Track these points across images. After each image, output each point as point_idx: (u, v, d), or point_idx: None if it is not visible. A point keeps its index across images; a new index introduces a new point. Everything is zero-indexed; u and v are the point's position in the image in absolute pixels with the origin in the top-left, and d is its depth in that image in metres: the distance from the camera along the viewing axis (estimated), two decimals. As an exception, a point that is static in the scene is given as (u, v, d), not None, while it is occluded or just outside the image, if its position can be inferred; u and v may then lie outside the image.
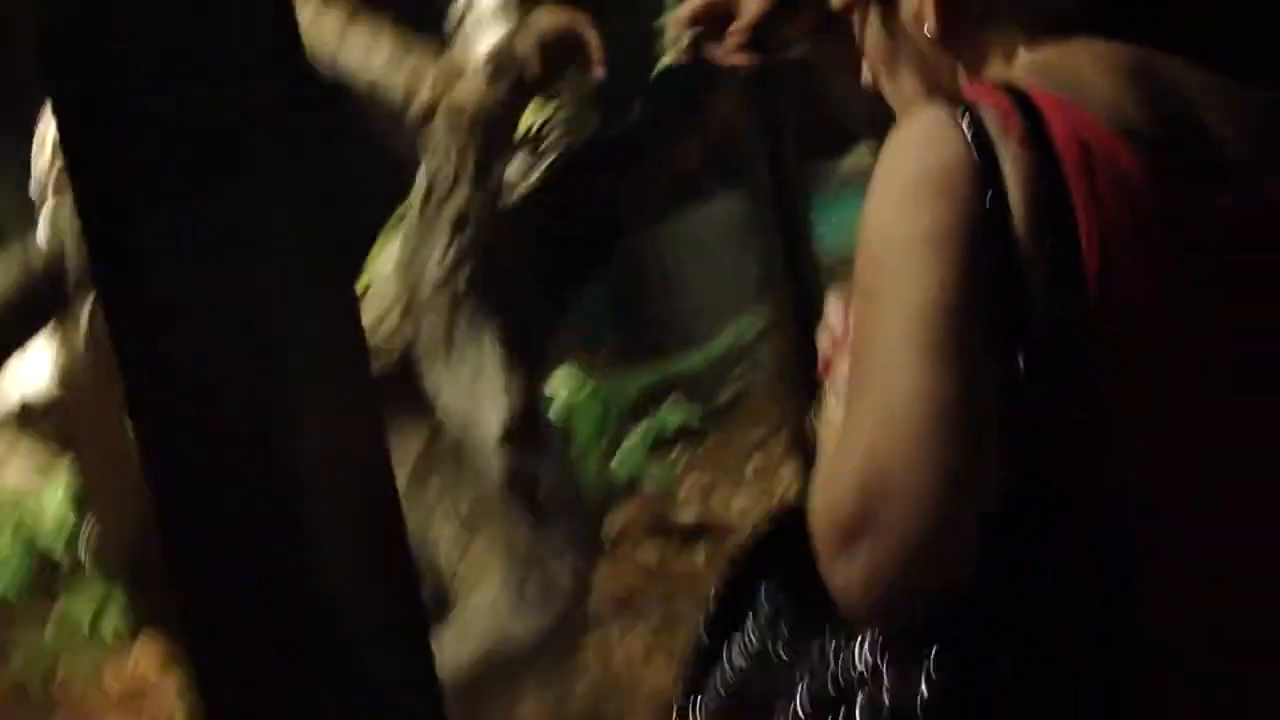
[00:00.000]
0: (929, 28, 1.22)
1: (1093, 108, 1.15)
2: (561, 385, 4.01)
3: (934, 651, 1.16)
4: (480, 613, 2.72)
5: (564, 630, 2.68)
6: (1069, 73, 1.17)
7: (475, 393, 2.61)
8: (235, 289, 0.93)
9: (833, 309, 1.31)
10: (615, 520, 3.95)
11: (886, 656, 1.19)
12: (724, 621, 1.36)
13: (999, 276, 1.11)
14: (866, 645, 1.21)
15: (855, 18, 1.30)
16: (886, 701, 1.18)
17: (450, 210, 2.59)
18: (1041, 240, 1.11)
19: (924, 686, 1.16)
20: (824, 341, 1.31)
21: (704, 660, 1.37)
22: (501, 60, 2.56)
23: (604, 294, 4.91)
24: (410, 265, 2.63)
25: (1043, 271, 1.11)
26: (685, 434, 4.07)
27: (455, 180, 2.59)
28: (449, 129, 2.57)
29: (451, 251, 2.61)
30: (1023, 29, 1.21)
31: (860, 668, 1.21)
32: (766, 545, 1.38)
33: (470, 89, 2.57)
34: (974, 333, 1.10)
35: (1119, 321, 1.12)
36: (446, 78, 2.60)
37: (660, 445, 4.03)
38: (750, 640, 1.34)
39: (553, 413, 3.97)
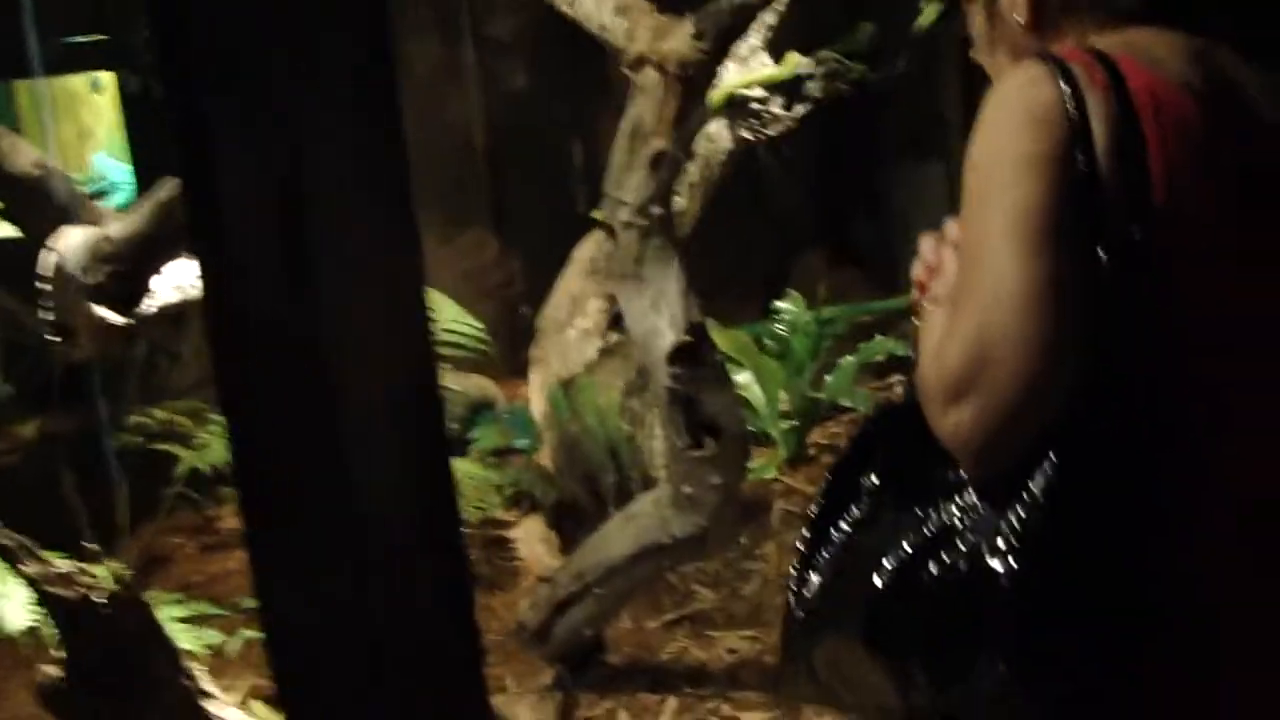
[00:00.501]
0: (1021, 18, 1.51)
1: (1159, 69, 1.40)
2: (787, 310, 4.28)
3: (1019, 499, 1.37)
4: (646, 505, 3.07)
5: (715, 532, 2.98)
6: (1138, 45, 1.42)
7: (654, 315, 2.93)
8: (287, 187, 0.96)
9: (925, 245, 1.57)
10: (819, 434, 4.22)
11: (980, 504, 1.41)
12: (834, 505, 1.58)
13: (1084, 191, 1.34)
14: (963, 496, 1.43)
15: (967, 7, 1.60)
16: (976, 541, 1.39)
17: (648, 150, 2.89)
18: (1119, 166, 1.35)
19: (1009, 530, 1.37)
20: (918, 269, 1.57)
21: (815, 539, 1.58)
22: (704, 20, 2.83)
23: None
24: (609, 196, 2.95)
25: (1120, 190, 1.35)
26: (892, 366, 4.28)
27: (656, 124, 2.89)
28: (654, 77, 2.87)
29: (646, 188, 2.91)
30: (1094, 20, 1.47)
31: (957, 516, 1.43)
32: (870, 440, 1.60)
33: (677, 43, 2.85)
34: (1064, 233, 1.32)
35: (1181, 231, 1.35)
36: (658, 31, 2.90)
37: (866, 374, 4.25)
38: (856, 513, 1.56)
39: (777, 330, 4.26)
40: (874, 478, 1.55)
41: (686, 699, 3.16)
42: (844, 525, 1.56)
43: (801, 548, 1.59)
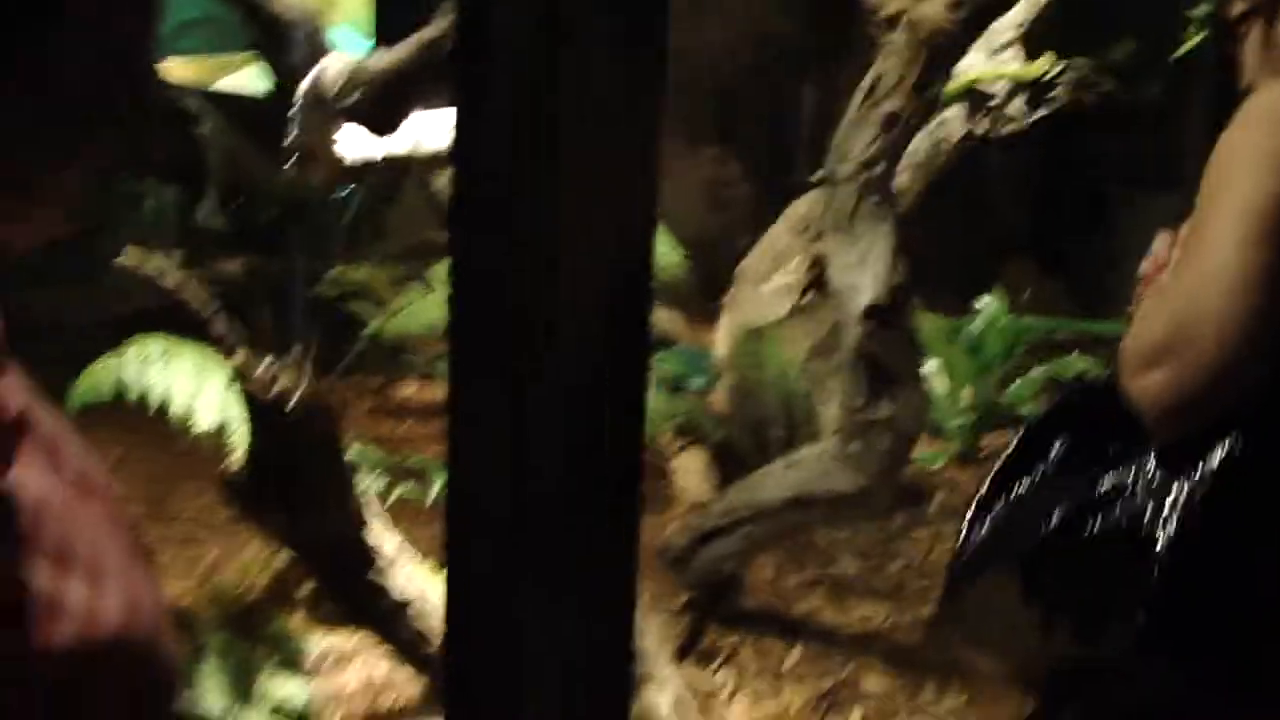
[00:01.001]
0: None
1: None
2: (987, 308, 4.26)
3: (1193, 471, 1.45)
4: (811, 456, 3.12)
5: (873, 495, 3.01)
6: None
7: (858, 271, 2.97)
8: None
9: (1159, 242, 1.65)
10: (993, 438, 4.20)
11: (1154, 470, 1.49)
12: (1021, 463, 1.67)
13: None
14: (1140, 463, 1.51)
15: (1242, 31, 1.65)
16: (1142, 504, 1.48)
17: (883, 110, 2.93)
18: None
19: (1177, 498, 1.46)
20: (1147, 264, 1.65)
21: (995, 489, 1.68)
22: (965, -9, 2.85)
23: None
24: (836, 148, 3.00)
25: None
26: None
27: (896, 85, 2.92)
28: (904, 39, 2.90)
29: (874, 146, 2.95)
30: None
31: (1129, 479, 1.51)
32: (1068, 408, 1.70)
33: (932, 10, 2.88)
34: None
35: None
36: (915, -7, 2.93)
37: (1052, 388, 4.21)
38: (1040, 473, 1.65)
39: (973, 327, 4.25)
40: (1063, 445, 1.62)
41: (813, 653, 3.21)
42: (1025, 482, 1.64)
43: (981, 493, 1.67)
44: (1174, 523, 1.45)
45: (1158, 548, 1.45)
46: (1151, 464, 1.51)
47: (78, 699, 0.77)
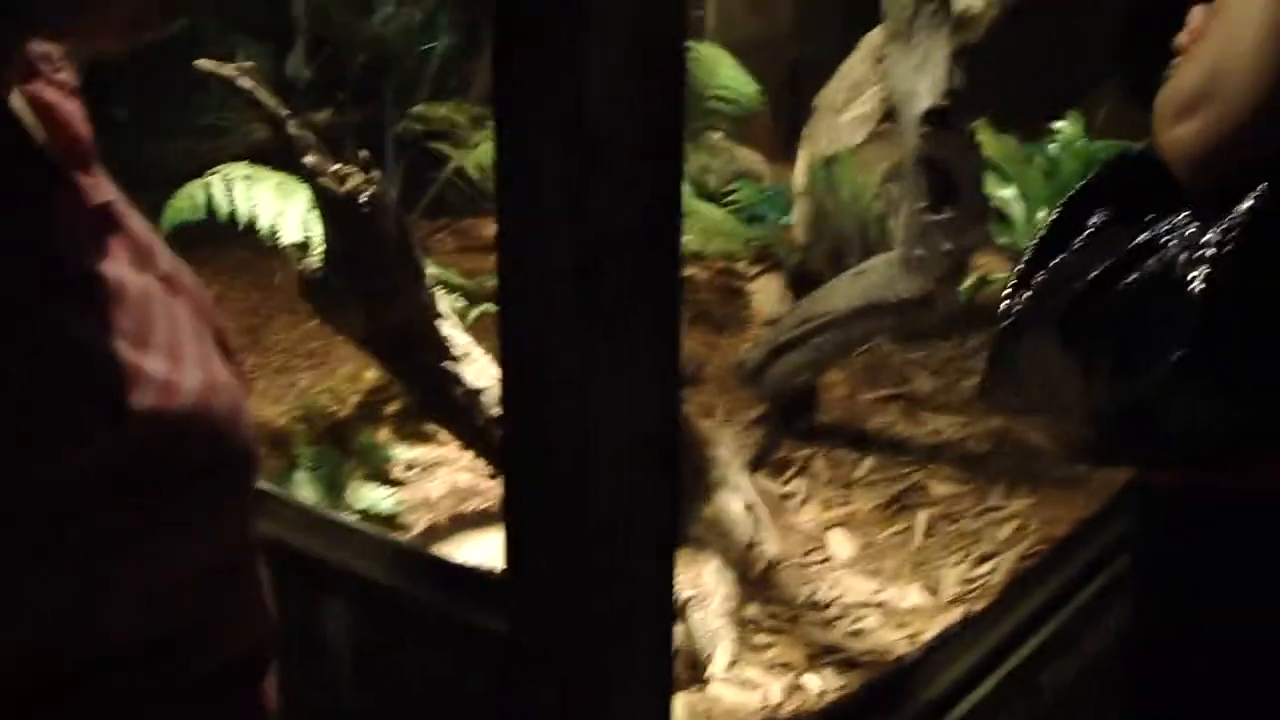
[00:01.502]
0: None
1: None
2: (1063, 130, 4.25)
3: (1225, 216, 1.48)
4: (878, 264, 3.18)
5: (940, 297, 3.06)
6: None
7: (916, 77, 3.00)
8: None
9: (1195, 13, 1.64)
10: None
11: (1187, 219, 1.54)
12: (1058, 235, 1.70)
13: None
14: (1171, 218, 1.55)
15: None
16: (1177, 251, 1.53)
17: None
18: None
19: (1210, 243, 1.50)
20: (1183, 37, 1.63)
21: (1034, 261, 1.71)
22: None
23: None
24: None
25: None
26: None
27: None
28: None
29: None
30: None
31: (1164, 232, 1.55)
32: (1103, 182, 1.70)
33: None
34: None
35: None
36: None
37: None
38: (1076, 245, 1.68)
39: (1049, 149, 4.23)
40: (1099, 216, 1.66)
41: (884, 462, 3.29)
42: (1062, 253, 1.68)
43: (1020, 266, 1.72)
44: (1206, 265, 1.49)
45: (1191, 288, 1.49)
46: (1184, 217, 1.55)
47: (157, 463, 0.82)
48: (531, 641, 1.39)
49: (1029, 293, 1.73)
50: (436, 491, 3.08)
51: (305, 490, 2.88)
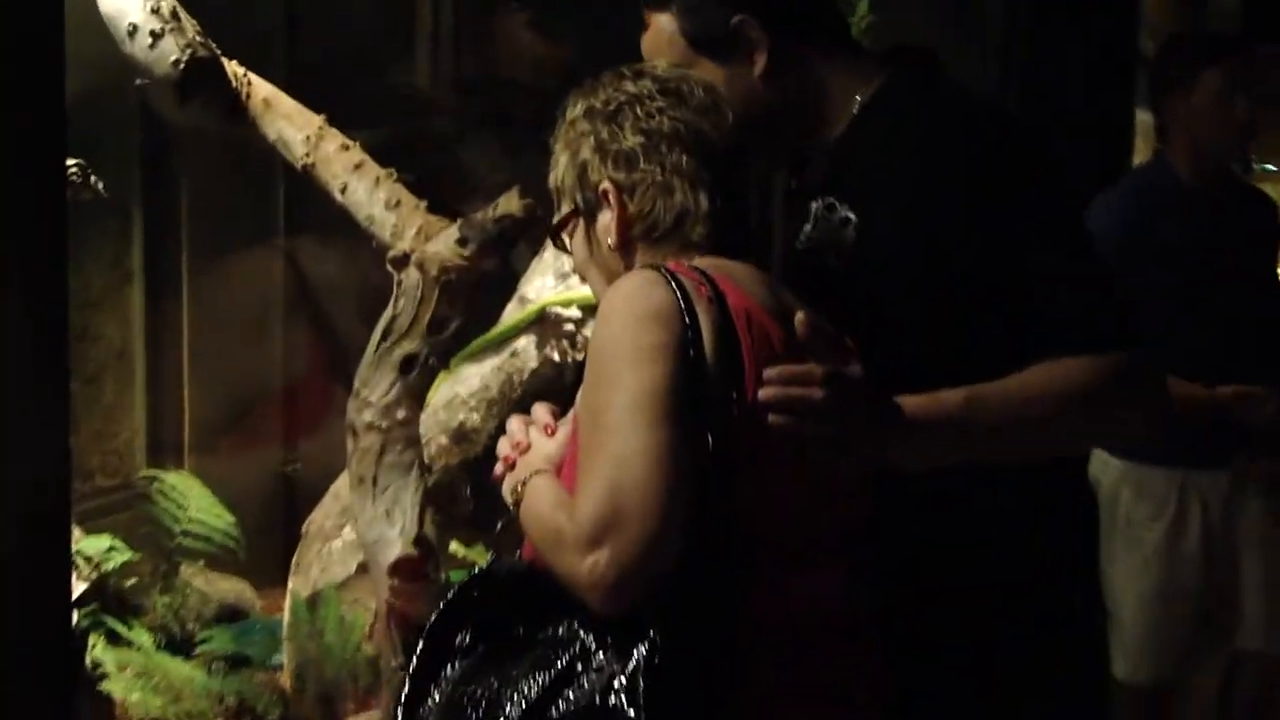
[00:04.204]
0: (611, 241, 1.87)
1: (743, 289, 1.78)
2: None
3: (648, 636, 1.64)
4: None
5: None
6: (724, 269, 1.80)
7: (385, 524, 2.78)
8: None
9: (513, 424, 1.88)
10: None
11: (606, 641, 1.66)
12: (429, 665, 1.75)
13: (693, 379, 1.67)
14: (579, 644, 1.68)
15: (565, 233, 1.96)
16: (607, 673, 1.65)
17: (399, 352, 2.78)
18: (720, 362, 1.70)
19: (636, 666, 1.64)
20: (504, 446, 1.87)
21: (415, 694, 1.74)
22: (470, 228, 2.76)
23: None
24: (357, 394, 2.82)
25: (720, 382, 1.69)
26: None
27: (411, 324, 2.78)
28: (415, 278, 2.77)
29: (393, 391, 2.79)
30: (670, 248, 1.84)
31: (578, 662, 1.67)
32: (462, 602, 1.79)
33: (442, 245, 2.77)
34: (680, 410, 1.64)
35: (761, 422, 1.71)
36: (425, 231, 2.81)
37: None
38: (453, 670, 1.74)
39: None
40: (467, 636, 1.76)
41: None
42: (445, 678, 1.75)
43: (401, 703, 1.76)
44: (640, 689, 1.63)
45: (628, 713, 1.64)
46: (590, 643, 1.69)
47: None
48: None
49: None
50: None
51: None
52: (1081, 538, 2.28)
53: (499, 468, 1.89)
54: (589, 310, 3.68)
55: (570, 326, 3.65)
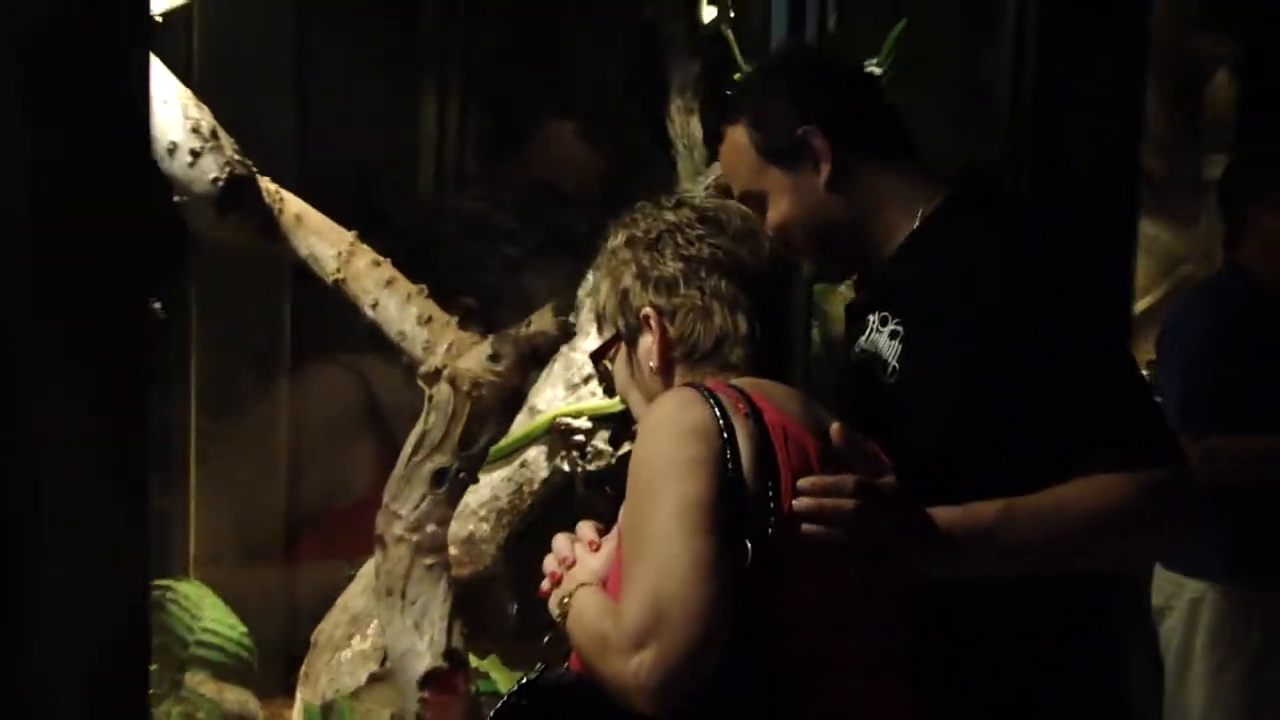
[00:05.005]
0: (653, 364, 1.99)
1: (780, 406, 1.87)
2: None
3: None
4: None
5: None
6: (762, 388, 1.90)
7: (414, 635, 2.80)
8: None
9: (559, 542, 1.98)
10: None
11: None
12: None
13: (733, 491, 1.76)
14: None
15: (607, 359, 2.08)
16: None
17: (430, 466, 2.81)
18: (758, 477, 1.79)
19: None
20: (551, 562, 1.96)
21: None
22: (503, 344, 2.81)
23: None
24: (386, 507, 2.86)
25: (758, 495, 1.79)
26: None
27: (443, 439, 2.82)
28: (446, 393, 2.82)
29: (424, 504, 2.82)
30: (709, 369, 1.96)
31: None
32: (510, 712, 1.88)
33: (473, 361, 2.82)
34: (720, 521, 1.73)
35: (797, 532, 1.80)
36: (458, 347, 2.87)
37: None
38: None
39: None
40: None
41: None
42: None
43: None
44: None
45: None
46: None
47: None
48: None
49: None
50: None
51: None
52: (1110, 661, 2.31)
53: (546, 583, 1.95)
54: (599, 421, 3.74)
55: (580, 437, 3.69)
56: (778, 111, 2.24)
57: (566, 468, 3.72)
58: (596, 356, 2.12)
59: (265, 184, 2.94)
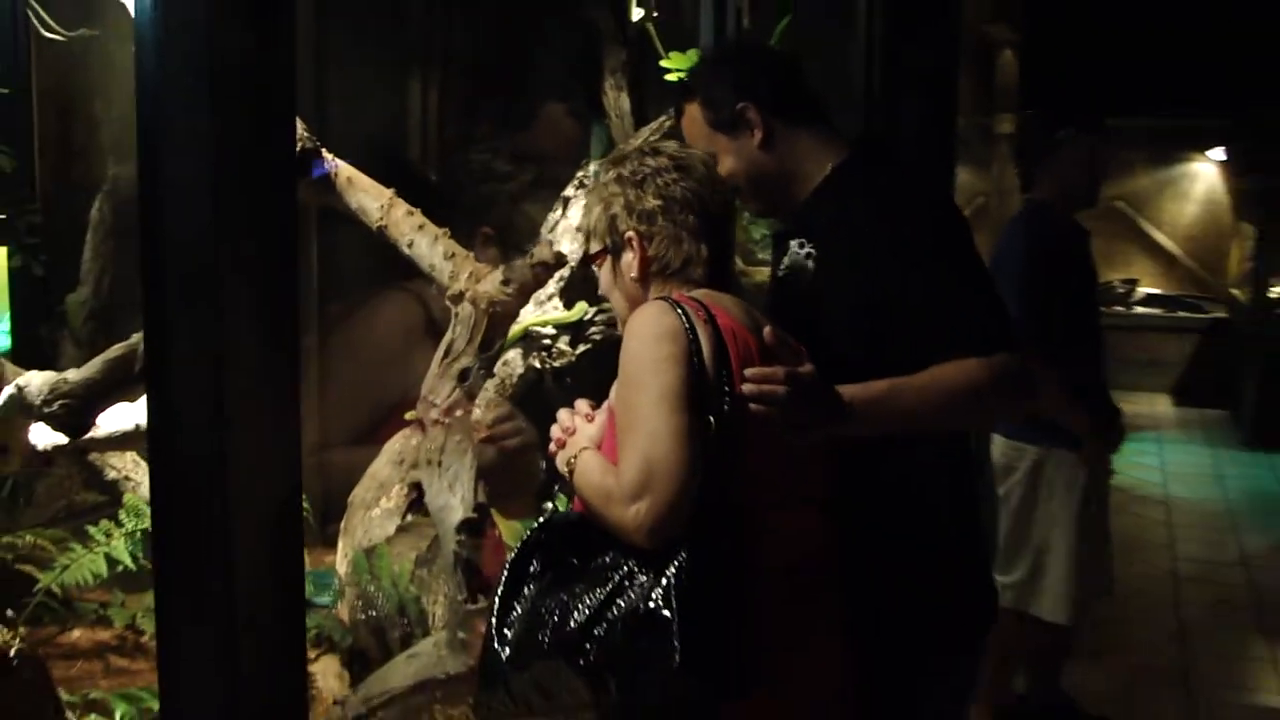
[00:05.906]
0: (634, 275, 2.34)
1: (729, 313, 2.22)
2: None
3: (677, 560, 2.02)
4: (427, 646, 3.76)
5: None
6: (715, 298, 2.25)
7: (448, 494, 3.68)
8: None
9: (563, 416, 2.34)
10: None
11: (645, 565, 2.04)
12: (512, 586, 2.19)
13: (697, 380, 2.09)
14: (623, 569, 2.05)
15: (595, 265, 2.42)
16: (647, 587, 2.02)
17: (457, 366, 3.69)
18: (716, 368, 2.12)
19: (669, 582, 2.01)
20: (556, 430, 2.32)
21: (503, 607, 2.18)
22: (511, 272, 3.70)
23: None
24: (424, 399, 3.75)
25: (715, 381, 2.12)
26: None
27: (466, 346, 3.71)
28: (469, 310, 3.71)
29: (453, 396, 3.71)
30: (677, 282, 2.33)
31: (625, 580, 2.05)
32: (535, 542, 2.23)
33: (489, 285, 3.71)
34: (691, 403, 2.06)
35: (745, 409, 2.11)
36: (475, 275, 3.75)
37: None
38: (530, 589, 2.17)
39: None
40: (536, 565, 2.21)
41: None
42: (524, 596, 2.19)
43: (494, 613, 2.21)
44: (670, 597, 2.04)
45: (665, 615, 2.04)
46: (632, 567, 2.09)
47: None
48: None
49: (512, 631, 2.18)
50: None
51: None
52: (966, 492, 2.82)
53: (553, 446, 2.32)
54: (562, 328, 4.50)
55: (547, 341, 4.40)
56: (722, 92, 2.68)
57: (537, 365, 4.45)
58: (586, 261, 2.51)
59: (325, 154, 3.79)
